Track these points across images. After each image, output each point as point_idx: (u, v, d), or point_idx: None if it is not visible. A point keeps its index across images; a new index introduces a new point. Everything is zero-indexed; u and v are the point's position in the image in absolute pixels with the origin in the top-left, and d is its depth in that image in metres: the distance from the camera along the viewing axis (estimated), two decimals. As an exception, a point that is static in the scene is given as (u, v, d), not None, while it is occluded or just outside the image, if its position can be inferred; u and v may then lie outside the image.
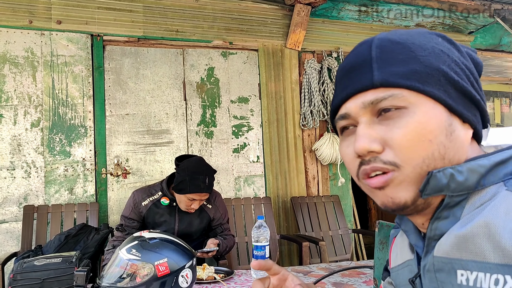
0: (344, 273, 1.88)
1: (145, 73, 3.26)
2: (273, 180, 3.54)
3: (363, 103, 0.54)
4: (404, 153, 0.51)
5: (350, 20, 3.89)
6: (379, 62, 0.54)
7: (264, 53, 3.60)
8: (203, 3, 3.41)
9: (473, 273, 0.47)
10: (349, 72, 0.58)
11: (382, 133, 0.52)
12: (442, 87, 0.52)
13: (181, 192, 2.11)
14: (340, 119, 0.58)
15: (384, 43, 0.55)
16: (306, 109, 3.64)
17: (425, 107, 0.52)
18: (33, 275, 1.55)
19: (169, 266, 1.46)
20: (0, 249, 2.80)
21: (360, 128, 0.54)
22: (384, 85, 0.53)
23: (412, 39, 0.55)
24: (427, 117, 0.51)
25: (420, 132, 0.51)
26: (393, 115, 0.52)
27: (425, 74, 0.52)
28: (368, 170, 0.53)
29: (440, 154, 0.51)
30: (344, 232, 3.43)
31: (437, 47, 0.55)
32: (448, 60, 0.54)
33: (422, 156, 0.51)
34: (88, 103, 3.08)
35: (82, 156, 3.03)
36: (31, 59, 2.97)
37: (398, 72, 0.52)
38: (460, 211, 0.52)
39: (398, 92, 0.52)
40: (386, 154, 0.52)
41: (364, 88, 0.54)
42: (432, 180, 0.50)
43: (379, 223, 1.44)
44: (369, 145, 0.52)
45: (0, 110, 2.88)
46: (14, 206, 2.86)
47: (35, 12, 2.98)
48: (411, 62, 0.53)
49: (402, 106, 0.52)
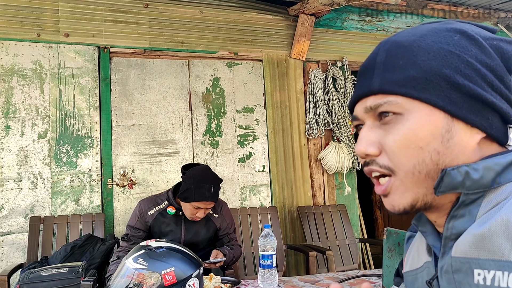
0: (352, 282, 1.86)
1: (151, 84, 3.28)
2: (279, 190, 3.53)
3: (365, 108, 0.57)
4: (395, 159, 0.53)
5: (354, 29, 3.91)
6: (380, 68, 0.55)
7: (269, 63, 3.62)
8: (208, 15, 3.44)
9: (491, 272, 0.46)
10: (360, 75, 0.60)
11: (380, 137, 0.55)
12: (443, 92, 0.52)
13: (187, 200, 2.11)
14: (353, 119, 0.61)
15: (392, 47, 0.56)
16: (311, 119, 3.64)
17: (419, 114, 0.52)
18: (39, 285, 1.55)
19: (176, 275, 1.45)
20: (6, 260, 2.79)
21: (361, 131, 0.58)
22: (381, 92, 0.54)
23: (420, 40, 0.54)
24: (420, 124, 0.52)
25: (410, 139, 0.52)
26: (390, 121, 0.54)
27: (422, 80, 0.52)
28: (367, 171, 0.57)
29: (432, 160, 0.51)
30: (351, 241, 3.40)
31: (446, 48, 0.53)
32: (457, 62, 0.52)
33: (412, 163, 0.52)
34: (94, 114, 3.10)
35: (89, 167, 3.04)
36: (39, 71, 3.00)
37: (394, 79, 0.54)
38: (476, 209, 0.51)
39: (393, 99, 0.53)
40: (382, 158, 0.55)
41: (365, 94, 0.57)
42: (446, 178, 0.50)
43: (387, 230, 1.42)
44: (366, 149, 0.55)
45: (8, 121, 2.91)
46: (20, 218, 2.86)
47: (43, 25, 3.03)
48: (410, 67, 0.53)
49: (398, 112, 0.53)
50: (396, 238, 1.39)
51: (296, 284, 1.87)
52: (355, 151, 0.57)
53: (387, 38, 0.59)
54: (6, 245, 2.81)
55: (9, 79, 2.93)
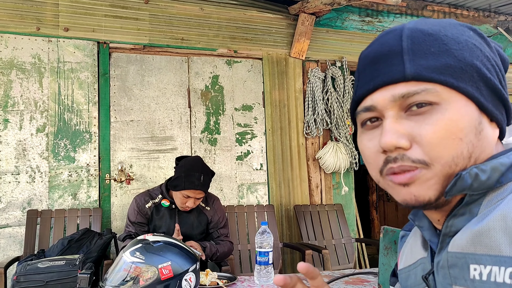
0: (348, 281, 1.87)
1: (150, 80, 3.28)
2: (276, 188, 3.54)
3: (393, 96, 0.51)
4: (434, 151, 0.49)
5: (354, 30, 3.92)
6: (410, 54, 0.51)
7: (268, 61, 3.62)
8: (209, 12, 3.45)
9: (487, 267, 0.46)
10: (375, 62, 0.54)
11: (410, 129, 0.50)
12: (475, 84, 0.51)
13: (176, 189, 2.13)
14: (364, 111, 0.55)
15: (415, 33, 0.52)
16: (309, 118, 3.65)
17: (457, 104, 0.50)
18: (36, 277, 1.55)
19: (172, 269, 1.46)
20: (2, 253, 2.79)
21: (387, 123, 0.52)
22: (417, 78, 0.50)
23: (445, 30, 0.53)
24: (459, 115, 0.50)
25: (451, 130, 0.49)
26: (423, 111, 0.50)
27: (459, 69, 0.50)
28: (396, 170, 0.51)
29: (468, 152, 0.50)
30: (347, 241, 3.41)
31: (470, 40, 0.53)
32: (481, 56, 0.52)
33: (451, 155, 0.49)
34: (93, 109, 3.10)
35: (86, 162, 3.04)
36: (38, 65, 3.00)
37: (431, 66, 0.50)
38: (477, 208, 0.51)
39: (431, 87, 0.50)
40: (414, 151, 0.50)
41: (394, 81, 0.51)
42: (459, 182, 0.49)
43: (384, 229, 1.43)
44: (397, 141, 0.50)
45: (7, 115, 2.90)
46: (17, 211, 2.86)
47: (43, 20, 3.02)
48: (444, 55, 0.51)
49: (434, 102, 0.50)
50: (393, 236, 1.40)
51: (292, 281, 1.88)
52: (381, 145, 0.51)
53: (397, 26, 0.56)
54: (3, 238, 2.81)
55: (8, 73, 2.93)
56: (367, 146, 0.55)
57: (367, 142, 0.55)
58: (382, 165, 0.53)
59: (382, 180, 0.55)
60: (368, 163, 0.56)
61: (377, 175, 0.55)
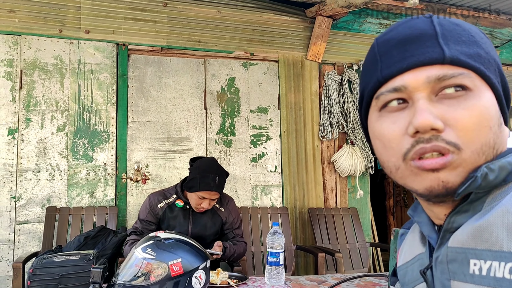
0: (360, 284, 1.85)
1: (167, 81, 3.34)
2: (291, 191, 3.53)
3: (428, 77, 0.51)
4: (467, 136, 0.49)
5: (372, 33, 3.89)
6: (444, 38, 0.51)
7: (284, 64, 3.63)
8: (226, 15, 3.48)
9: (487, 262, 0.46)
10: (405, 43, 0.53)
11: (444, 112, 0.50)
12: (496, 78, 0.53)
13: (192, 190, 2.14)
14: (391, 91, 0.53)
15: (444, 21, 0.53)
16: (325, 121, 3.64)
17: (487, 93, 0.51)
18: (51, 270, 1.59)
19: (183, 266, 1.47)
20: (22, 248, 2.87)
21: (421, 103, 0.50)
22: (454, 62, 0.50)
23: (467, 25, 0.54)
24: (490, 103, 0.51)
25: (485, 116, 0.50)
26: (456, 95, 0.50)
27: (487, 60, 0.52)
28: (429, 149, 0.49)
29: (493, 142, 0.51)
30: (361, 245, 3.38)
31: (485, 37, 0.55)
32: (496, 54, 0.54)
33: (481, 142, 0.49)
34: (111, 109, 3.16)
35: (104, 161, 3.11)
36: (59, 66, 3.09)
37: (466, 52, 0.51)
38: (481, 205, 0.51)
39: (467, 72, 0.50)
40: (448, 134, 0.49)
41: (431, 62, 0.51)
42: (472, 183, 0.49)
43: (395, 231, 1.42)
44: (434, 121, 0.49)
45: (29, 114, 2.99)
46: (37, 208, 2.94)
47: (65, 22, 3.11)
48: (474, 45, 0.51)
49: (469, 87, 0.50)
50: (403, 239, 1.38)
51: (303, 283, 1.87)
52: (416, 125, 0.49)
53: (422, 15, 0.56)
54: (22, 234, 2.89)
55: (31, 73, 3.02)
56: (391, 129, 0.53)
57: (390, 124, 0.53)
58: (409, 148, 0.51)
59: (404, 166, 0.52)
60: (389, 147, 0.54)
61: (398, 160, 0.53)
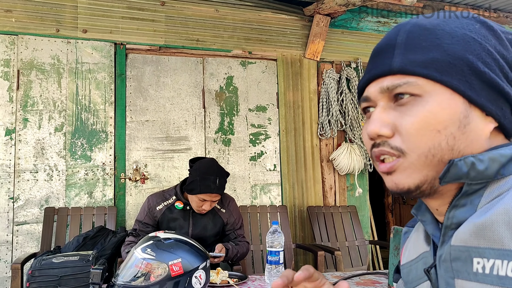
0: (359, 281, 1.85)
1: (166, 81, 3.33)
2: (290, 189, 3.53)
3: (381, 88, 0.55)
4: (410, 141, 0.52)
5: (370, 31, 3.89)
6: (401, 48, 0.54)
7: (282, 62, 3.63)
8: (224, 13, 3.47)
9: (490, 260, 0.46)
10: (375, 55, 0.58)
11: (394, 119, 0.54)
12: (464, 78, 0.52)
13: (192, 192, 2.13)
14: (363, 100, 0.60)
15: (414, 28, 0.55)
16: (324, 119, 3.64)
17: (440, 97, 0.52)
18: (50, 272, 1.59)
19: (183, 266, 1.47)
20: (20, 249, 2.86)
21: (375, 112, 0.56)
22: (402, 72, 0.53)
23: (444, 25, 0.54)
24: (440, 107, 0.51)
25: (429, 121, 0.51)
26: (407, 102, 0.53)
27: (446, 63, 0.52)
28: (377, 153, 0.55)
29: (448, 145, 0.51)
30: (360, 243, 3.38)
31: (469, 34, 0.53)
32: (479, 49, 0.52)
33: (428, 146, 0.51)
34: (109, 109, 3.15)
35: (102, 161, 3.10)
36: (57, 66, 3.07)
37: (416, 60, 0.53)
38: (478, 199, 0.51)
39: (414, 80, 0.53)
40: (395, 139, 0.53)
41: (382, 74, 0.55)
42: (452, 169, 0.50)
43: (394, 229, 1.42)
44: (379, 129, 0.54)
45: (26, 114, 2.98)
46: (35, 208, 2.93)
47: (62, 21, 3.10)
48: (434, 50, 0.53)
49: (416, 94, 0.52)
50: (403, 237, 1.38)
51: (303, 282, 1.87)
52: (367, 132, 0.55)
53: (406, 21, 0.58)
54: (21, 235, 2.88)
55: (28, 73, 3.01)
56: (364, 133, 0.59)
57: (364, 129, 0.59)
58: (370, 151, 0.57)
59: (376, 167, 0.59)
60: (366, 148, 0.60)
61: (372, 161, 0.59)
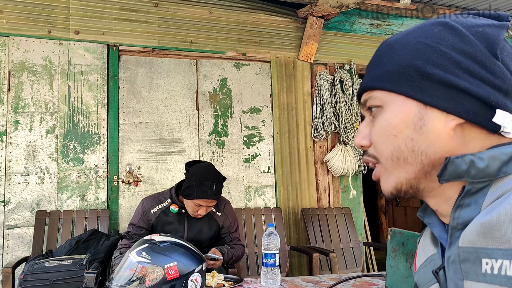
0: (355, 284, 1.85)
1: (159, 82, 3.30)
2: (284, 191, 3.53)
3: (362, 103, 0.63)
4: (377, 148, 0.59)
5: (363, 33, 3.90)
6: (370, 66, 0.61)
7: (276, 64, 3.62)
8: (217, 15, 3.46)
9: (498, 261, 0.46)
10: None
11: (369, 130, 0.61)
12: (414, 83, 0.55)
13: (188, 198, 2.11)
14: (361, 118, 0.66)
15: (382, 46, 0.61)
16: (317, 121, 3.64)
17: (394, 105, 0.56)
18: (43, 276, 1.56)
19: (178, 269, 1.45)
20: (11, 253, 2.82)
21: (360, 125, 0.63)
22: (367, 88, 0.60)
23: (404, 38, 0.58)
24: (393, 114, 0.56)
25: (385, 128, 0.57)
26: (375, 114, 0.60)
27: (396, 73, 0.56)
28: (363, 161, 0.63)
29: (407, 147, 0.55)
30: (355, 245, 3.38)
31: (422, 41, 0.55)
32: (429, 53, 0.54)
33: (390, 150, 0.57)
34: (102, 111, 3.12)
35: (95, 163, 3.06)
36: (48, 67, 3.04)
37: (375, 75, 0.59)
38: (482, 198, 0.51)
39: (374, 94, 0.59)
40: (371, 148, 0.61)
41: (361, 91, 0.63)
42: (449, 166, 0.51)
43: (392, 231, 1.42)
44: (359, 141, 0.61)
45: (17, 116, 2.94)
46: (26, 211, 2.89)
47: (54, 23, 3.06)
48: (389, 63, 0.57)
49: (379, 105, 0.58)
50: (401, 238, 1.38)
51: (299, 284, 1.86)
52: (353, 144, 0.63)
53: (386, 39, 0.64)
54: (11, 238, 2.83)
55: (19, 75, 2.97)
56: None
57: None
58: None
59: None
60: None
61: None
